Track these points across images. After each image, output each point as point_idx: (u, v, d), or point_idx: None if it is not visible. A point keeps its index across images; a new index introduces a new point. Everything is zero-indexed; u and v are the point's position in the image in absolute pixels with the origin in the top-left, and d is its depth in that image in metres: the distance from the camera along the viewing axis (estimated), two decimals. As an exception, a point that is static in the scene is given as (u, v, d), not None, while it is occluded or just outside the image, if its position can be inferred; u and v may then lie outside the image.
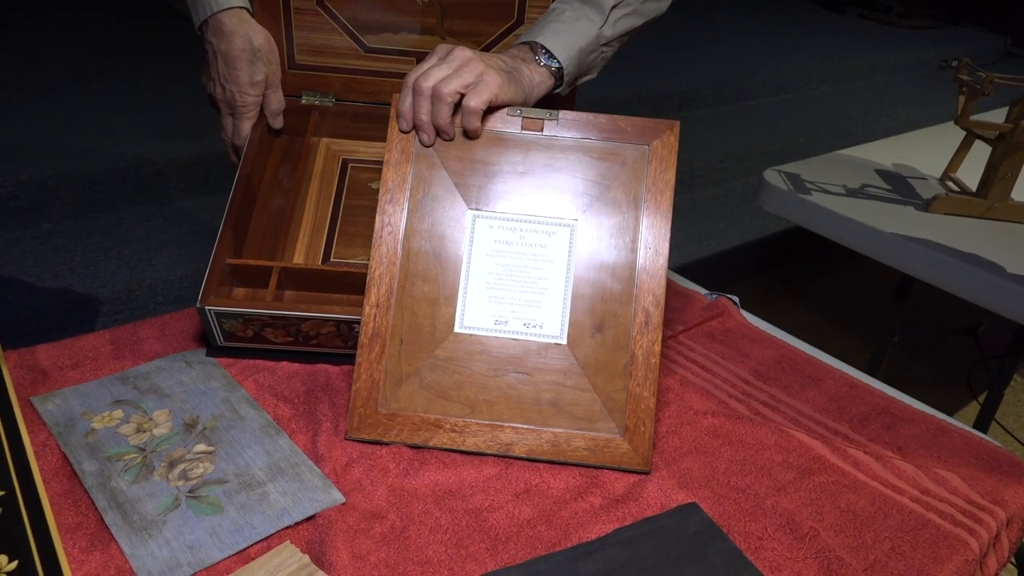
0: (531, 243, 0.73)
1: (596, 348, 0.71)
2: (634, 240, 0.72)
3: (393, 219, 0.73)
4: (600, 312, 0.72)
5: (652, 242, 0.72)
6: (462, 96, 0.71)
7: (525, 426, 0.70)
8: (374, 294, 0.72)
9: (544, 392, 0.70)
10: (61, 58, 2.50)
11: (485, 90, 0.71)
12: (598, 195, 0.73)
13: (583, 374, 0.71)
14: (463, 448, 0.70)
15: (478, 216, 0.73)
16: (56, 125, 2.02)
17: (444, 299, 0.72)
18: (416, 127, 0.73)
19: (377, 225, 0.73)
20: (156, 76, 2.41)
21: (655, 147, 0.73)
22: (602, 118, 0.74)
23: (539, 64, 0.78)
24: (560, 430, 0.70)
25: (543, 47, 0.78)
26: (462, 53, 0.72)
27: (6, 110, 2.07)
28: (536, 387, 0.71)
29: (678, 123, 0.74)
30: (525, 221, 0.73)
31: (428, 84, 0.71)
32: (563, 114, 0.74)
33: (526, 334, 0.71)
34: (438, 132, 0.73)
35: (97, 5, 3.10)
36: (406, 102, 0.73)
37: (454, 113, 0.72)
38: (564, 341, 0.71)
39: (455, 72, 0.71)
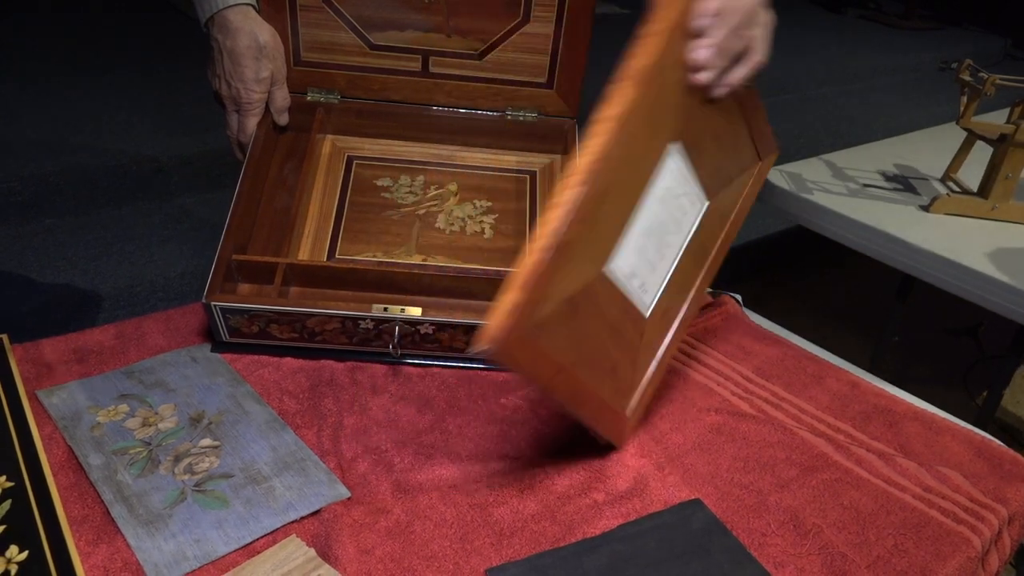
0: (682, 205, 0.70)
1: None
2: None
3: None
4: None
5: None
6: None
7: None
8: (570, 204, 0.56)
9: None
10: (62, 54, 2.49)
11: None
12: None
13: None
14: None
15: (672, 153, 0.66)
16: (57, 121, 2.02)
17: (607, 237, 0.63)
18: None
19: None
20: (158, 72, 2.41)
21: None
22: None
23: None
24: None
25: None
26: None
27: (7, 106, 2.07)
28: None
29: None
30: (694, 182, 0.70)
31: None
32: None
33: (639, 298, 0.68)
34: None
35: (98, 1, 3.10)
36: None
37: None
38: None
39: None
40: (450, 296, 0.83)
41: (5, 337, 0.78)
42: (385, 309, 0.76)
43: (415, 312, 0.76)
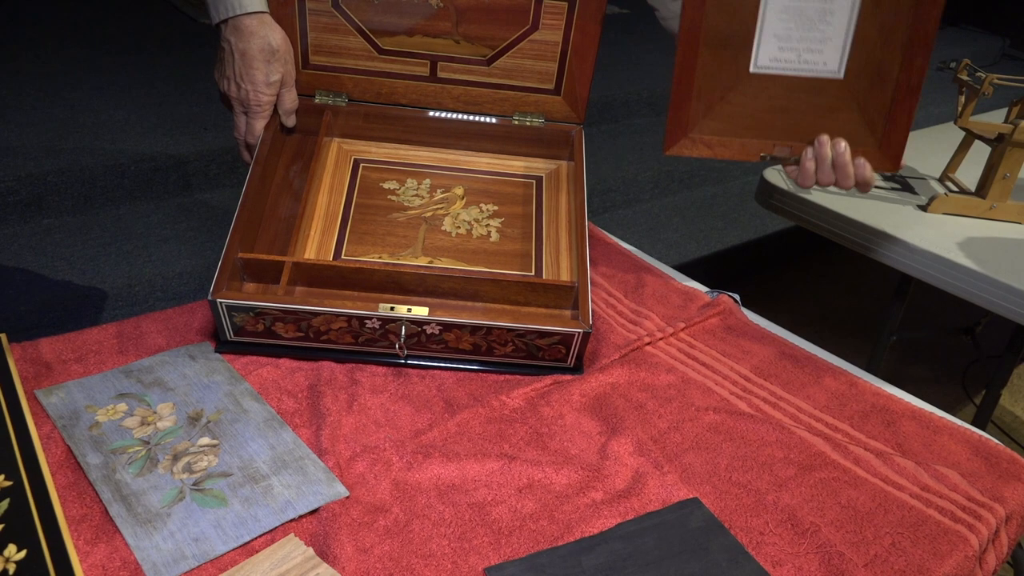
0: None
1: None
2: None
3: None
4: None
5: None
6: None
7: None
8: None
9: None
10: (61, 54, 2.49)
11: None
12: None
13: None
14: None
15: None
16: (55, 120, 2.01)
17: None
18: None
19: None
20: (156, 71, 2.41)
21: None
22: None
23: None
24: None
25: None
26: None
27: (6, 106, 2.07)
28: None
29: None
30: None
31: None
32: None
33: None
34: None
35: (97, 1, 3.10)
36: None
37: None
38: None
39: None
40: (456, 298, 0.83)
41: (3, 336, 0.78)
42: (391, 309, 0.76)
43: (422, 312, 0.76)
